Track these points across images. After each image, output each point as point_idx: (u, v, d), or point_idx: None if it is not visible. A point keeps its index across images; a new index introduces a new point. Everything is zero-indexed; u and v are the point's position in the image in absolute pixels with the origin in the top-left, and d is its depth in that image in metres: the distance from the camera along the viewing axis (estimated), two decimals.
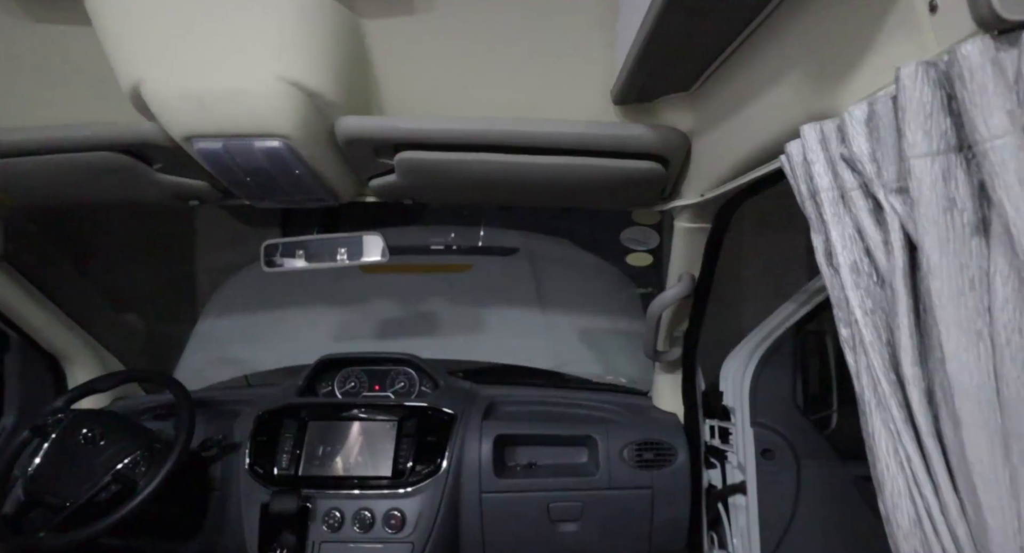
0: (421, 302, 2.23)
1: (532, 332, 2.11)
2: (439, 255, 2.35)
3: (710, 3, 0.60)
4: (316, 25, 0.90)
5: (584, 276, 2.31)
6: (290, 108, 0.94)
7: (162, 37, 0.89)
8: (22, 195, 1.14)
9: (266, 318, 2.21)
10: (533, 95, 1.02)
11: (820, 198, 0.49)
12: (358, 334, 2.19)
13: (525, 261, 2.32)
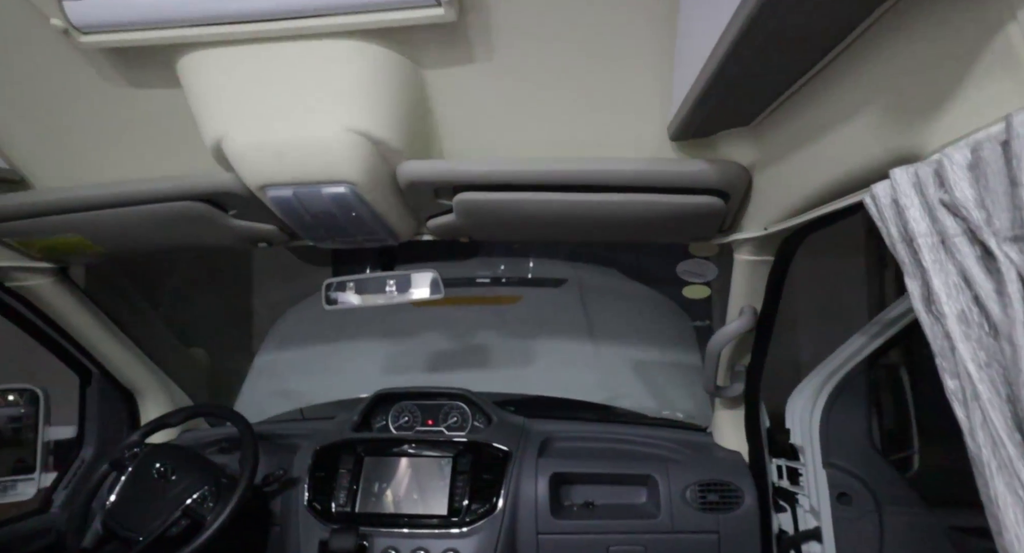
0: (471, 334, 2.24)
1: (583, 364, 2.08)
2: (488, 287, 2.36)
3: (782, 41, 0.59)
4: (383, 79, 0.95)
5: (634, 306, 2.28)
6: (357, 156, 0.98)
7: (243, 96, 0.96)
8: (111, 244, 1.23)
9: (321, 351, 2.26)
10: (589, 133, 1.03)
11: (917, 244, 0.47)
12: (409, 367, 2.21)
13: (574, 292, 2.31)
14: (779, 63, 0.65)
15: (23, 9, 0.89)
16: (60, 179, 1.16)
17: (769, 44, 0.59)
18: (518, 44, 0.93)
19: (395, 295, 1.35)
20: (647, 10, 0.85)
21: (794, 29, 0.56)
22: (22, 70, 1.00)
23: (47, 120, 1.08)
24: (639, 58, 0.92)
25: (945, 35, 0.49)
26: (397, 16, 0.87)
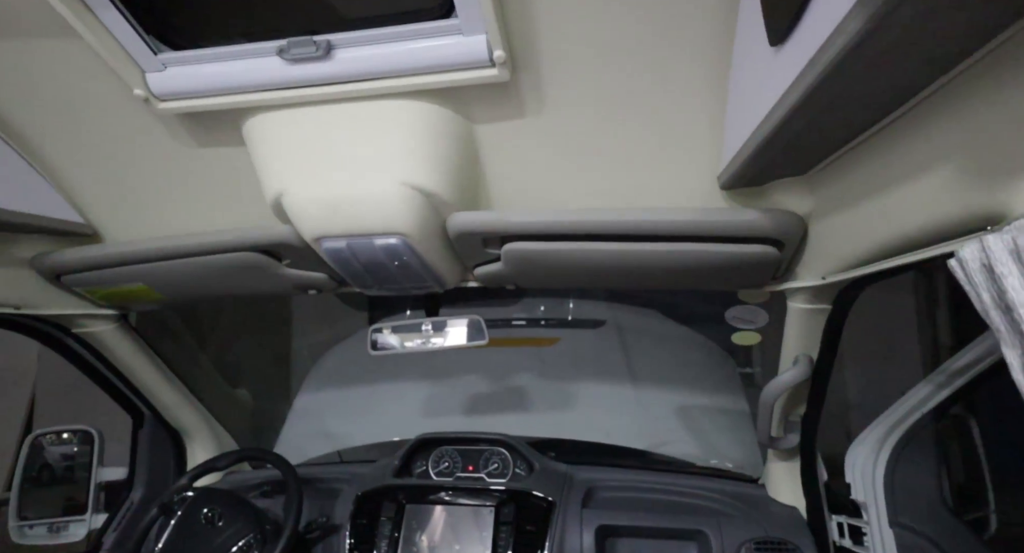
0: (509, 377, 2.23)
1: (624, 408, 2.03)
2: (527, 328, 2.36)
3: (849, 101, 0.59)
4: (437, 135, 0.98)
5: (676, 349, 2.23)
6: (409, 209, 1.01)
7: (303, 154, 1.00)
8: (171, 292, 1.28)
9: (359, 393, 2.27)
10: (637, 182, 1.04)
11: (1019, 314, 0.45)
12: (447, 409, 2.20)
13: (613, 334, 2.28)
14: (844, 120, 0.65)
15: (109, 81, 0.97)
16: (128, 232, 1.23)
17: (836, 103, 0.59)
18: (567, 99, 0.95)
19: (441, 342, 1.36)
20: (698, 65, 0.87)
21: (864, 89, 0.56)
22: (101, 134, 1.08)
23: (120, 178, 1.15)
24: (689, 111, 0.93)
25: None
26: (453, 77, 0.91)
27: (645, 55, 0.87)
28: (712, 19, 0.81)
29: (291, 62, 0.92)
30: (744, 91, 0.79)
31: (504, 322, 2.39)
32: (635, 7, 0.82)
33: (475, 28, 0.86)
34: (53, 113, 1.05)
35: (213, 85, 0.97)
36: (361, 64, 0.92)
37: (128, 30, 0.90)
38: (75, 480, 1.68)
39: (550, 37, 0.87)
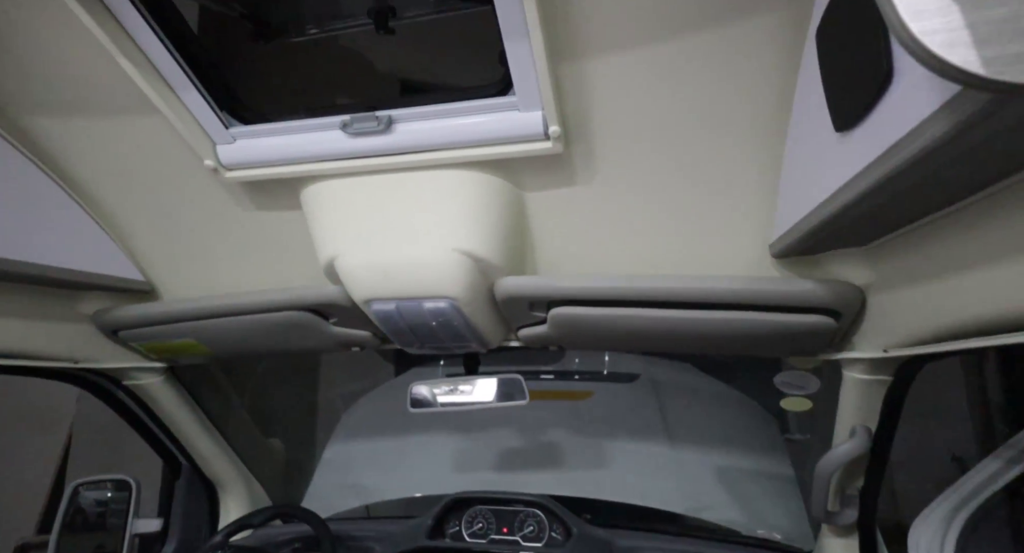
0: (542, 431, 2.18)
1: (662, 469, 1.96)
2: (559, 381, 2.32)
3: (925, 187, 0.59)
4: (488, 203, 1.01)
5: (714, 406, 2.16)
6: (459, 274, 1.03)
7: (358, 220, 1.04)
8: (220, 348, 1.31)
9: (389, 445, 2.25)
10: (684, 249, 1.04)
11: None
12: (477, 465, 2.15)
13: (648, 388, 2.23)
14: (916, 203, 0.65)
15: (181, 151, 1.03)
16: (184, 288, 1.27)
17: (909, 191, 0.58)
18: (618, 169, 0.97)
19: (481, 402, 1.35)
20: (751, 139, 0.88)
21: (940, 179, 0.55)
22: (168, 198, 1.14)
23: (180, 238, 1.20)
24: (740, 181, 0.94)
25: None
26: (508, 150, 0.94)
27: (698, 128, 0.89)
28: (768, 97, 0.83)
29: (352, 135, 0.97)
30: (802, 168, 0.80)
31: (536, 374, 2.36)
32: (690, 84, 0.85)
33: (532, 105, 0.90)
34: (126, 179, 1.11)
35: (277, 156, 1.02)
36: (419, 137, 0.96)
37: (204, 107, 0.96)
38: (111, 529, 1.68)
39: (604, 112, 0.90)
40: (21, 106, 1.00)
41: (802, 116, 0.78)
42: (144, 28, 0.86)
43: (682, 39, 0.80)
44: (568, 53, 0.84)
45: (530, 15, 0.75)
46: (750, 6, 0.75)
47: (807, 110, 0.76)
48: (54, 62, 0.93)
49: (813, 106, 0.72)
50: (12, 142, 1.01)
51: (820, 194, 0.71)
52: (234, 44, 1.06)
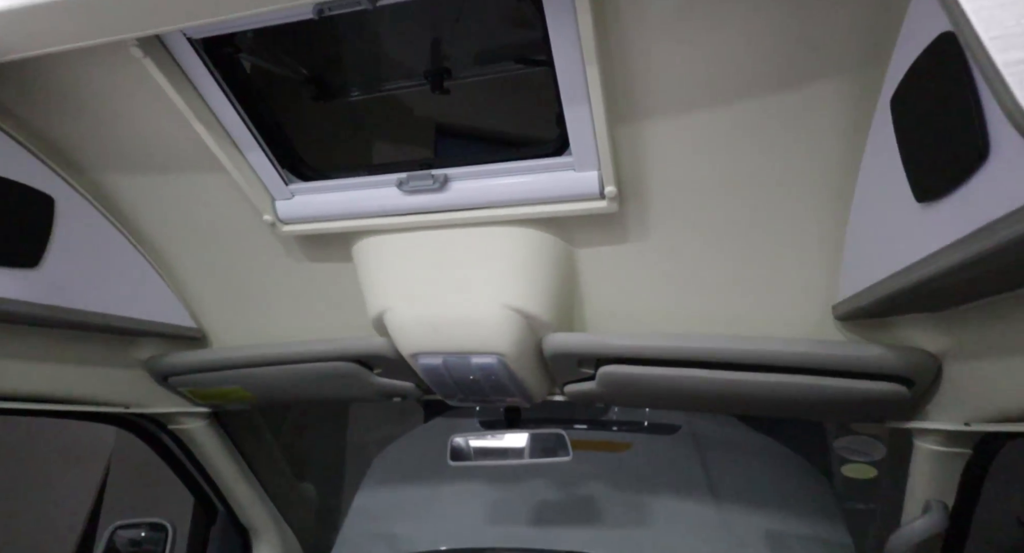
0: (578, 484, 2.10)
1: (706, 530, 1.86)
2: (597, 431, 2.25)
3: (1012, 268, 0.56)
4: (539, 260, 1.00)
5: (762, 464, 2.06)
6: (508, 330, 1.02)
7: (409, 275, 1.04)
8: (264, 395, 1.31)
9: (420, 494, 2.20)
10: (741, 308, 1.01)
11: None
12: (512, 517, 2.08)
13: (689, 442, 2.15)
14: (1007, 277, 0.61)
15: (241, 206, 1.06)
16: (234, 336, 1.29)
17: (1003, 267, 0.55)
18: (673, 227, 0.96)
19: (522, 457, 1.31)
20: (813, 200, 0.86)
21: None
22: (224, 249, 1.17)
23: (233, 288, 1.23)
24: (800, 241, 0.92)
25: None
26: (562, 208, 0.94)
27: (756, 188, 0.88)
28: (832, 159, 0.81)
29: (408, 193, 0.98)
30: (873, 233, 0.77)
31: (572, 422, 2.30)
32: (750, 145, 0.84)
33: (588, 165, 0.90)
34: (187, 231, 1.15)
35: (333, 211, 1.04)
36: (473, 194, 0.97)
37: (267, 165, 1.00)
38: None
39: (661, 172, 0.90)
40: (97, 164, 1.05)
41: (873, 181, 0.76)
42: (218, 94, 0.90)
43: (744, 102, 0.80)
44: (627, 115, 0.84)
45: (592, 81, 0.76)
46: (817, 71, 0.75)
47: (879, 175, 0.74)
48: (131, 124, 0.98)
49: (886, 172, 0.70)
50: (87, 197, 1.06)
51: (897, 262, 0.68)
52: (296, 104, 1.10)
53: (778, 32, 0.72)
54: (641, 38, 0.76)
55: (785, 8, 0.70)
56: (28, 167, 0.98)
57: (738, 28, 0.73)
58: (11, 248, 0.92)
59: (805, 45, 0.73)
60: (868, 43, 0.70)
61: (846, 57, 0.73)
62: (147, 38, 0.79)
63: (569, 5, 0.72)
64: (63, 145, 1.02)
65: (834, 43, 0.72)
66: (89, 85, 0.92)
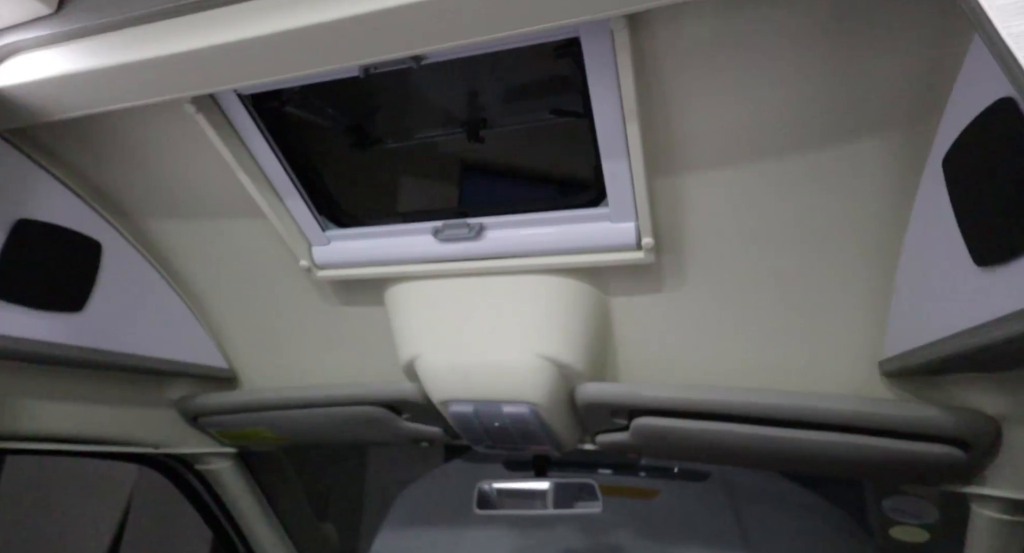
0: (605, 532, 2.03)
1: None
2: (624, 476, 2.18)
3: None
4: (574, 309, 0.99)
5: (799, 517, 1.96)
6: (541, 379, 1.00)
7: (441, 322, 1.04)
8: (291, 437, 1.31)
9: (441, 538, 2.14)
10: (781, 362, 0.98)
11: None
12: None
13: (720, 490, 2.06)
14: None
15: (278, 250, 1.08)
16: (264, 377, 1.30)
17: None
18: (710, 278, 0.94)
19: (552, 508, 1.27)
20: (857, 254, 0.84)
21: None
22: (259, 292, 1.18)
23: (266, 330, 1.24)
24: (844, 295, 0.89)
25: None
26: (597, 258, 0.93)
27: (798, 242, 0.86)
28: (878, 215, 0.80)
29: (443, 241, 0.99)
30: (924, 292, 0.75)
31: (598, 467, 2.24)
32: (791, 199, 0.83)
33: (625, 216, 0.90)
34: (224, 274, 1.17)
35: (368, 257, 1.05)
36: (508, 243, 0.97)
37: (305, 212, 1.02)
38: None
39: (699, 224, 0.89)
40: (143, 209, 1.08)
41: (923, 239, 0.74)
42: (263, 144, 0.93)
43: (786, 156, 0.79)
44: (665, 168, 0.84)
45: (632, 138, 0.77)
46: (863, 126, 0.74)
47: (930, 234, 0.72)
48: (177, 172, 1.01)
49: (938, 232, 0.68)
50: (130, 240, 1.09)
51: (955, 324, 0.66)
52: (334, 152, 1.13)
53: (823, 88, 0.72)
54: (681, 93, 0.76)
55: (830, 65, 0.70)
56: (79, 214, 1.01)
57: (781, 83, 0.73)
58: (60, 294, 0.95)
59: (851, 101, 0.72)
60: (918, 101, 0.69)
61: (894, 114, 0.72)
62: (200, 96, 0.82)
63: (610, 63, 0.73)
64: (112, 192, 1.06)
65: (881, 100, 0.71)
66: (141, 136, 0.95)
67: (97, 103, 0.77)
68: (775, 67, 0.71)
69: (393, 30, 0.64)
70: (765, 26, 0.68)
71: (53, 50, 0.73)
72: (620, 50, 0.69)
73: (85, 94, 0.75)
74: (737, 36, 0.69)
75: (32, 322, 0.91)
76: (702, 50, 0.71)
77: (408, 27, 0.64)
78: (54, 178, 0.98)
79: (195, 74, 0.72)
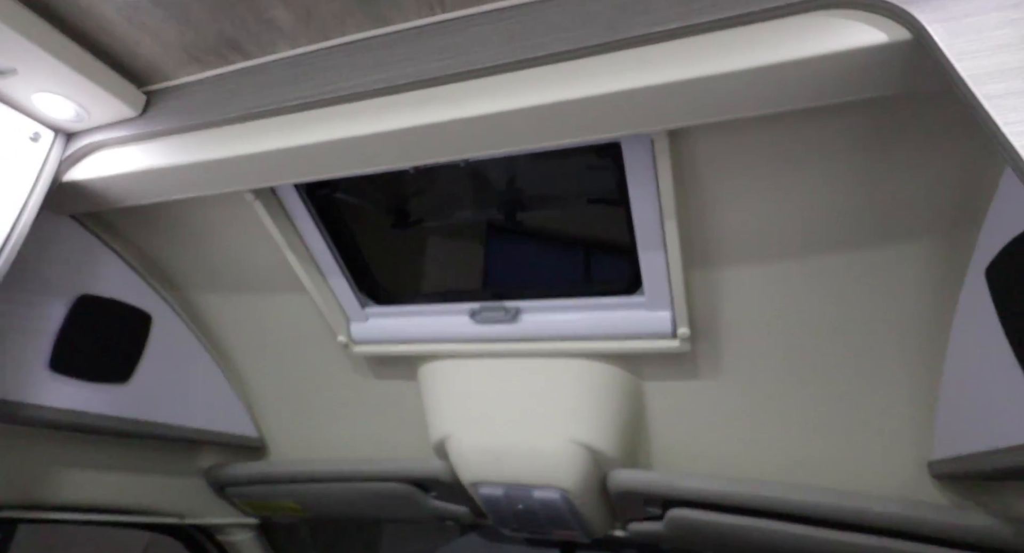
0: None
1: None
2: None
3: None
4: (608, 394, 0.99)
5: None
6: (574, 465, 0.98)
7: (473, 402, 1.04)
8: (316, 510, 1.29)
9: None
10: (821, 458, 0.95)
11: None
12: None
13: None
14: None
15: (316, 325, 1.11)
16: (293, 447, 1.30)
17: None
18: (746, 368, 0.94)
19: None
20: (898, 353, 0.83)
21: None
22: (295, 364, 1.21)
23: (298, 401, 1.25)
24: (885, 393, 0.87)
25: None
26: (632, 345, 0.94)
27: (835, 338, 0.86)
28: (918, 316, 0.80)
29: (479, 322, 1.01)
30: (973, 398, 0.73)
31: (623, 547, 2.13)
32: (828, 297, 0.83)
33: (661, 306, 0.91)
34: (263, 345, 1.20)
35: (404, 335, 1.07)
36: (543, 327, 0.99)
37: (347, 289, 1.05)
38: None
39: (734, 316, 0.89)
40: (192, 282, 1.13)
41: (968, 344, 0.73)
42: (311, 227, 0.98)
43: (824, 254, 0.80)
44: (701, 260, 0.86)
45: (670, 234, 0.79)
46: (899, 229, 0.75)
47: (976, 340, 0.71)
48: (228, 249, 1.06)
49: (985, 339, 0.67)
50: (178, 311, 1.14)
51: (1008, 435, 0.64)
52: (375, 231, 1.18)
53: (859, 195, 0.74)
54: (719, 194, 0.79)
55: (867, 175, 0.72)
56: (134, 286, 1.06)
57: (817, 190, 0.75)
58: (110, 366, 0.98)
59: (887, 208, 0.74)
60: (956, 210, 0.71)
61: (932, 221, 0.73)
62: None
63: (650, 166, 0.76)
64: (165, 265, 1.11)
65: (919, 207, 0.73)
66: (198, 218, 1.01)
67: (167, 194, 0.83)
68: (811, 175, 0.74)
69: (448, 139, 0.69)
70: (803, 140, 0.70)
71: (134, 147, 0.80)
72: (660, 156, 0.72)
73: (158, 186, 0.81)
74: (775, 147, 0.72)
75: (82, 394, 0.94)
76: (739, 158, 0.74)
77: (463, 137, 0.68)
78: (115, 253, 1.04)
79: (260, 171, 0.77)
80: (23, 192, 0.76)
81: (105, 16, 0.69)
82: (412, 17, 0.69)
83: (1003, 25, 0.45)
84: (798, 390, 0.92)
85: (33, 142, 0.78)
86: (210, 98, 0.77)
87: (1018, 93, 0.42)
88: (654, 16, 0.59)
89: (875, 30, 0.51)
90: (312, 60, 0.73)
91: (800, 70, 0.54)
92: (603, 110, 0.61)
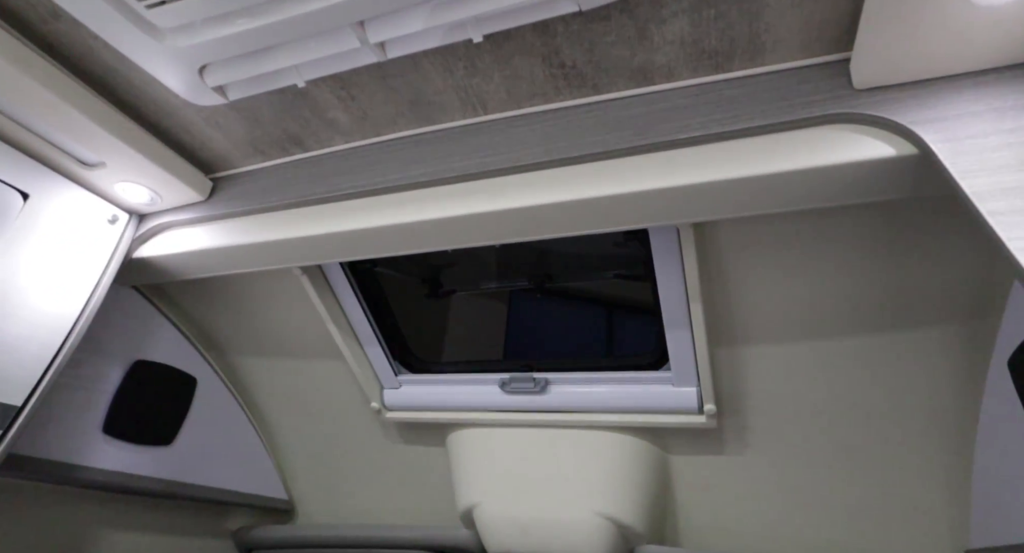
0: None
1: None
2: None
3: None
4: (636, 468, 0.99)
5: None
6: (600, 539, 0.97)
7: (501, 472, 1.05)
8: None
9: None
10: (857, 541, 0.93)
11: None
12: None
13: None
14: None
15: (351, 391, 1.14)
16: (321, 510, 1.31)
17: None
18: (773, 445, 0.94)
19: None
20: (926, 438, 0.83)
21: None
22: (328, 429, 1.24)
23: (328, 464, 1.28)
24: (916, 476, 0.87)
25: None
26: (660, 419, 0.95)
27: (863, 418, 0.86)
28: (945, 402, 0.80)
29: (509, 393, 1.04)
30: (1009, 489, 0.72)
31: None
32: (856, 379, 0.84)
33: (687, 381, 0.93)
34: (297, 410, 1.24)
35: (435, 402, 1.10)
36: (571, 399, 1.01)
37: (382, 358, 1.10)
38: None
39: (760, 394, 0.91)
40: (235, 347, 1.19)
41: (997, 432, 0.73)
42: (352, 299, 1.04)
43: (846, 336, 0.82)
44: (727, 339, 0.88)
45: (695, 315, 0.82)
46: (920, 316, 0.77)
47: (1004, 429, 0.71)
48: (273, 318, 1.12)
49: (1012, 428, 0.68)
50: (221, 376, 1.19)
51: None
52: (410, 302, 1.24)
53: (877, 280, 0.76)
54: (743, 278, 0.82)
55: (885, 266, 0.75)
56: (183, 351, 1.12)
57: (837, 274, 0.78)
58: (157, 429, 1.03)
59: (905, 298, 0.76)
60: (975, 301, 0.73)
61: (951, 311, 0.75)
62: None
63: (675, 251, 0.81)
64: (212, 332, 1.18)
65: (936, 298, 0.75)
66: (247, 289, 1.08)
67: (225, 269, 0.90)
68: (829, 265, 0.77)
69: (487, 227, 0.74)
70: (821, 233, 0.74)
71: (199, 228, 0.88)
72: (686, 244, 0.76)
73: (218, 262, 0.88)
74: (795, 238, 0.76)
75: (130, 456, 0.98)
76: (761, 247, 0.78)
77: (500, 225, 0.73)
78: (168, 320, 1.11)
79: (311, 251, 0.83)
80: (99, 269, 0.83)
81: (188, 118, 0.78)
82: (457, 118, 0.76)
83: (1001, 147, 0.50)
84: (826, 471, 0.91)
85: (111, 224, 0.86)
86: (269, 185, 0.84)
87: (1020, 211, 0.46)
88: (677, 124, 0.64)
89: (884, 144, 0.56)
90: (364, 153, 0.81)
91: (814, 176, 0.59)
92: (632, 205, 0.66)
